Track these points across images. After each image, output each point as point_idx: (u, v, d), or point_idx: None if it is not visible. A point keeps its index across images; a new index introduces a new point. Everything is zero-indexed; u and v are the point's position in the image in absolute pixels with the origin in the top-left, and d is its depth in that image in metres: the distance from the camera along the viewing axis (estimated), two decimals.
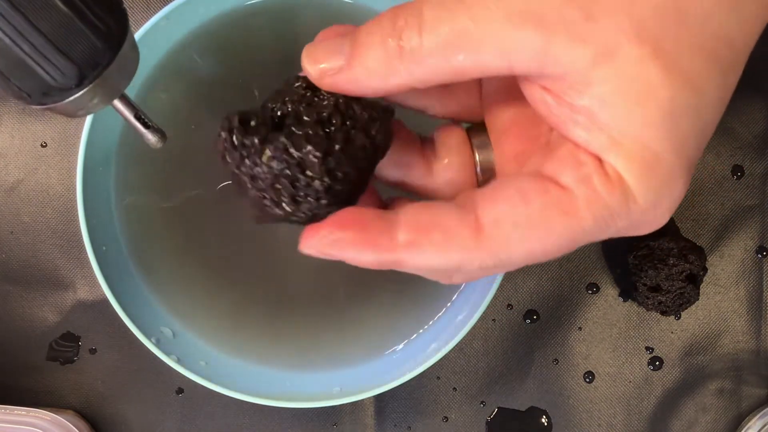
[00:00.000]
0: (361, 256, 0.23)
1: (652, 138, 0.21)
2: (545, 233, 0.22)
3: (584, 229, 0.22)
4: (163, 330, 0.43)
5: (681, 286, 0.44)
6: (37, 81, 0.24)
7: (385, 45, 0.22)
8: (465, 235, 0.23)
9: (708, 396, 0.47)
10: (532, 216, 0.22)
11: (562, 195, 0.22)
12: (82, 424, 0.46)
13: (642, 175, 0.22)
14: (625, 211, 0.22)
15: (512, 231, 0.22)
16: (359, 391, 0.41)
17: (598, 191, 0.22)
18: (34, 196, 0.47)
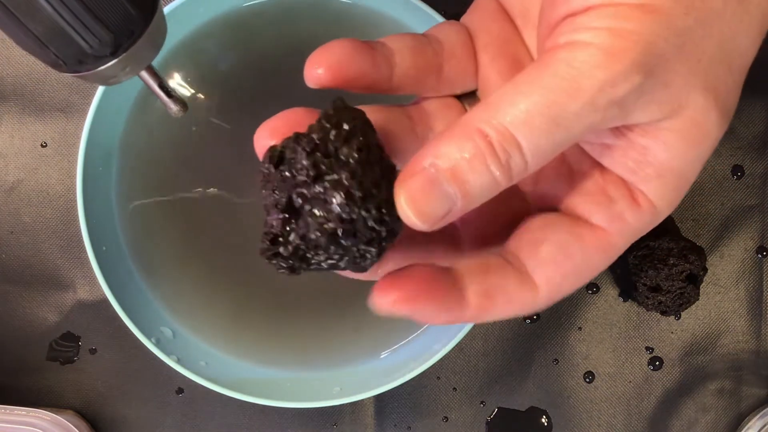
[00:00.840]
0: (434, 319, 0.24)
1: (692, 170, 0.24)
2: (589, 273, 0.25)
3: (618, 252, 0.25)
4: (163, 330, 0.43)
5: (681, 286, 0.44)
6: (74, 48, 0.25)
7: (496, 181, 0.23)
8: (525, 298, 0.25)
9: (708, 396, 0.47)
10: (576, 266, 0.25)
11: (598, 237, 0.25)
12: (82, 424, 0.46)
13: (672, 200, 0.24)
14: (648, 226, 0.25)
15: (562, 282, 0.25)
16: (359, 391, 0.41)
17: (630, 222, 0.24)
18: (34, 196, 0.47)
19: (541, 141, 0.22)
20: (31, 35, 0.24)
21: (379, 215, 0.23)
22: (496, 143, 0.22)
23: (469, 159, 0.22)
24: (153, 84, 0.29)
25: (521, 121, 0.22)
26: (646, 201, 0.24)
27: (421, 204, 0.23)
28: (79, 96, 0.47)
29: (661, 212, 0.25)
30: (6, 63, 0.47)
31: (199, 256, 0.43)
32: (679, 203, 0.25)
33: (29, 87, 0.47)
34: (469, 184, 0.23)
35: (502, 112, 0.22)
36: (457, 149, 0.22)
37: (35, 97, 0.47)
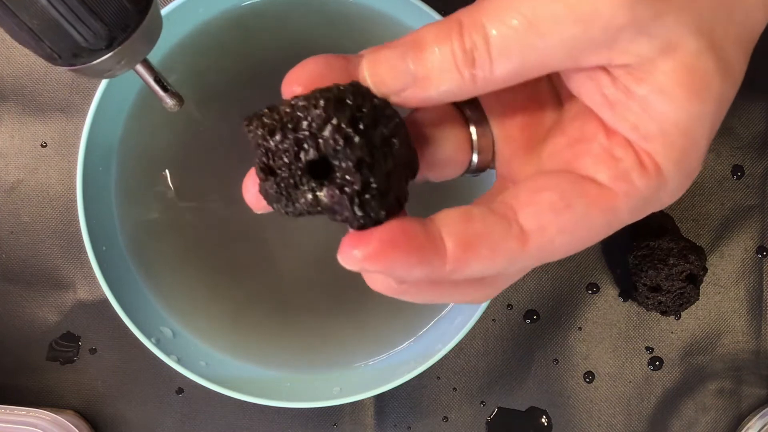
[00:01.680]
0: (410, 274, 0.22)
1: (697, 129, 0.22)
2: (587, 233, 0.23)
3: (620, 220, 0.23)
4: (163, 330, 0.43)
5: (681, 286, 0.44)
6: (69, 42, 0.25)
7: (460, 73, 0.22)
8: (512, 246, 0.23)
9: (708, 396, 0.47)
10: (575, 220, 0.23)
11: (602, 194, 0.23)
12: (82, 424, 0.46)
13: (679, 162, 0.23)
14: (656, 197, 0.23)
15: (557, 235, 0.23)
16: (359, 391, 0.41)
17: (637, 185, 0.23)
18: (34, 196, 0.47)
19: (512, 40, 0.21)
20: (26, 28, 0.24)
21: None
22: (466, 31, 0.22)
23: (438, 41, 0.22)
24: (148, 78, 0.29)
25: (495, 15, 0.21)
26: (652, 162, 0.23)
27: (379, 70, 0.23)
28: (79, 96, 0.47)
29: (668, 177, 0.23)
30: (6, 63, 0.47)
31: (199, 256, 0.43)
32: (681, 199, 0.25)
33: (29, 87, 0.47)
34: (429, 65, 0.22)
35: (484, 8, 0.22)
36: (431, 32, 0.22)
37: (35, 97, 0.47)
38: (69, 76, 0.46)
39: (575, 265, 0.47)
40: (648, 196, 0.23)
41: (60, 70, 0.46)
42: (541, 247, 0.23)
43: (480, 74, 0.22)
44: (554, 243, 0.23)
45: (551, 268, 0.47)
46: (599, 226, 0.23)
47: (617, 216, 0.23)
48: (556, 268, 0.47)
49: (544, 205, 0.23)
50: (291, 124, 0.23)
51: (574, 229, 0.23)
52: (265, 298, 0.44)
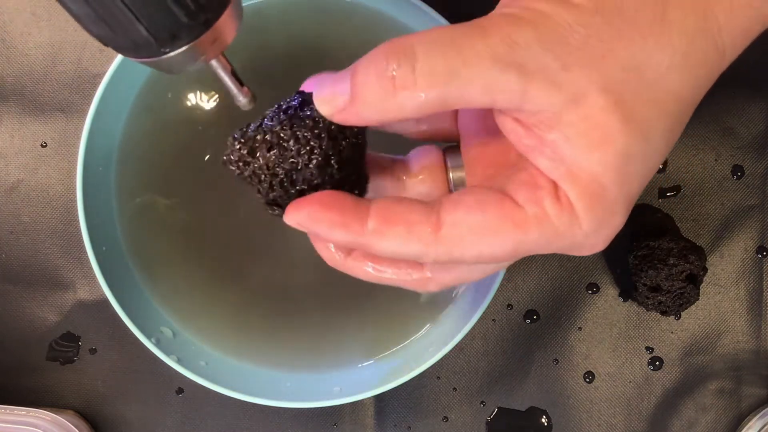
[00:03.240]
0: (332, 234, 0.26)
1: (603, 175, 0.25)
2: (494, 240, 0.25)
3: (529, 241, 0.25)
4: (163, 330, 0.43)
5: (681, 286, 0.44)
6: (168, 18, 0.22)
7: (382, 84, 0.25)
8: (425, 231, 0.26)
9: (708, 396, 0.47)
10: (486, 224, 0.25)
11: (516, 210, 0.25)
12: (82, 424, 0.46)
13: (589, 205, 0.25)
14: (569, 233, 0.25)
15: (467, 233, 0.25)
16: (359, 391, 0.41)
17: (548, 213, 0.25)
18: (34, 196, 0.47)
19: (438, 63, 0.24)
20: (122, 6, 0.21)
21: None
22: (397, 53, 0.24)
23: (369, 63, 0.25)
24: (223, 73, 0.26)
25: (426, 39, 0.24)
26: (567, 200, 0.25)
27: (324, 91, 0.26)
28: (79, 96, 0.47)
29: (580, 217, 0.25)
30: (6, 63, 0.47)
31: (199, 256, 0.43)
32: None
33: (29, 87, 0.47)
34: (361, 83, 0.25)
35: (416, 34, 0.24)
36: (366, 57, 0.25)
37: (35, 97, 0.47)
38: (69, 76, 0.46)
39: (575, 265, 0.47)
40: (559, 227, 0.25)
41: (60, 70, 0.47)
42: (451, 239, 0.26)
43: (400, 90, 0.24)
44: (464, 239, 0.26)
45: (551, 268, 0.47)
46: (508, 238, 0.25)
47: (527, 235, 0.25)
48: (556, 268, 0.47)
49: (462, 205, 0.26)
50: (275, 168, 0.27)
51: (483, 232, 0.25)
52: (265, 298, 0.44)
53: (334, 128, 0.27)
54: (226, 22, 0.24)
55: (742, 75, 0.47)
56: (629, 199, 0.26)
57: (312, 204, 0.26)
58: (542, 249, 0.26)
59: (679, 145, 0.47)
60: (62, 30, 0.46)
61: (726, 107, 0.47)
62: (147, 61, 0.24)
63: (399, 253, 0.26)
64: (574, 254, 0.27)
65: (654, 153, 0.25)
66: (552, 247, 0.26)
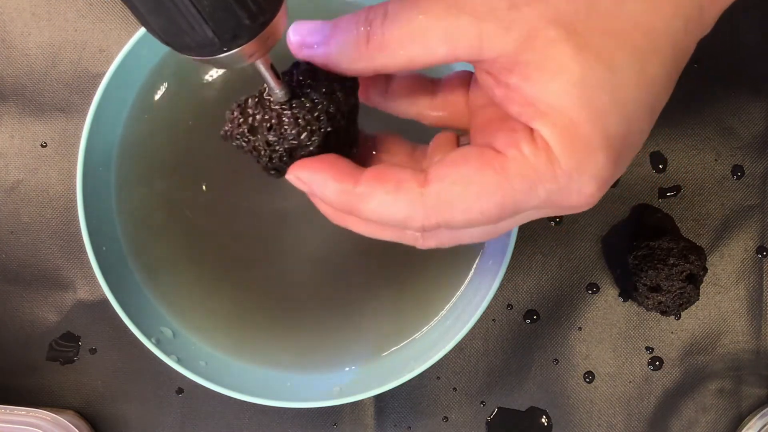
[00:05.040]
0: (326, 189, 0.28)
1: (568, 107, 0.24)
2: (479, 188, 0.26)
3: (514, 187, 0.26)
4: (163, 330, 0.43)
5: (681, 286, 0.44)
6: (233, 20, 0.23)
7: (357, 32, 0.27)
8: (412, 187, 0.27)
9: (708, 396, 0.47)
10: (468, 174, 0.26)
11: (495, 156, 0.26)
12: (82, 424, 0.46)
13: (564, 141, 0.25)
14: (550, 173, 0.25)
15: (451, 186, 0.26)
16: (359, 391, 0.41)
17: (525, 154, 0.25)
18: (34, 196, 0.47)
19: (402, 12, 0.26)
20: (194, 12, 0.22)
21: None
22: (372, 8, 0.26)
23: (347, 18, 0.27)
24: (264, 66, 0.27)
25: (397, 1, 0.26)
26: (542, 140, 0.25)
27: (302, 25, 0.28)
28: (79, 96, 0.47)
29: (557, 154, 0.25)
30: (6, 63, 0.47)
31: (199, 256, 0.43)
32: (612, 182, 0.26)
33: (29, 87, 0.47)
34: (337, 25, 0.27)
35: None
36: (350, 15, 0.27)
37: (35, 97, 0.47)
38: (69, 76, 0.46)
39: (575, 265, 0.47)
40: (538, 167, 0.25)
41: (60, 70, 0.47)
42: (438, 193, 0.26)
43: (372, 34, 0.26)
44: (450, 193, 0.26)
45: (551, 268, 0.47)
46: (492, 185, 0.26)
47: (509, 180, 0.26)
48: (556, 269, 0.47)
49: (448, 161, 0.27)
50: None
51: (466, 182, 0.26)
52: (265, 298, 0.44)
53: (332, 109, 0.28)
54: (279, 20, 0.25)
55: (742, 75, 0.47)
56: (606, 134, 0.25)
57: (312, 163, 0.28)
58: (530, 197, 0.26)
59: (679, 145, 0.47)
60: (62, 30, 0.46)
61: (726, 107, 0.47)
62: (205, 59, 0.25)
63: (388, 213, 0.27)
64: (568, 206, 0.26)
65: (624, 86, 0.25)
66: (539, 194, 0.26)
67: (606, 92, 0.24)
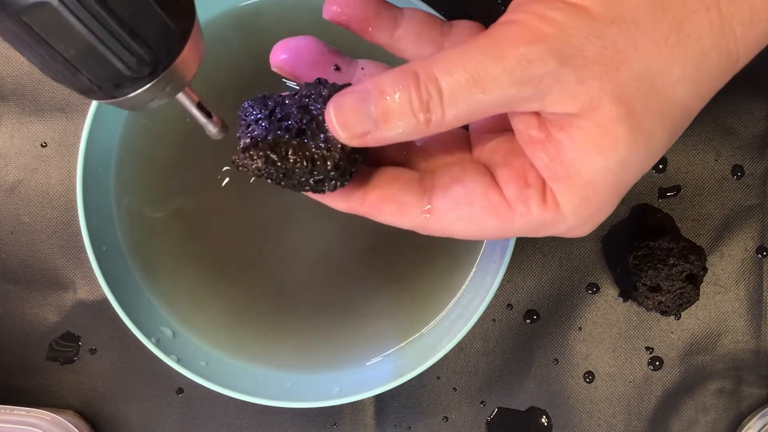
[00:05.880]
0: (336, 203, 0.30)
1: (600, 182, 0.26)
2: (480, 227, 0.28)
3: (513, 231, 0.28)
4: (163, 330, 0.43)
5: (681, 286, 0.44)
6: (110, 71, 0.22)
7: (416, 118, 0.26)
8: (415, 214, 0.29)
9: (708, 396, 0.47)
10: (472, 215, 0.28)
11: (501, 206, 0.27)
12: (82, 424, 0.46)
13: (577, 207, 0.26)
14: (553, 227, 0.27)
15: (454, 221, 0.28)
16: (359, 391, 0.41)
17: (533, 212, 0.27)
18: (34, 196, 0.47)
19: (460, 93, 0.25)
20: (61, 59, 0.22)
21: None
22: (422, 83, 0.25)
23: (397, 90, 0.26)
24: (190, 105, 0.26)
25: (446, 70, 0.25)
26: (553, 200, 0.27)
27: (345, 115, 0.27)
28: (79, 96, 0.46)
29: (566, 215, 0.27)
30: (6, 63, 0.47)
31: (199, 256, 0.43)
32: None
33: (29, 87, 0.47)
34: (390, 112, 0.26)
35: (437, 63, 0.25)
36: (391, 81, 0.26)
37: (35, 97, 0.47)
38: None
39: (575, 265, 0.47)
40: (543, 222, 0.27)
41: None
42: (440, 223, 0.28)
43: (433, 119, 0.26)
44: (453, 225, 0.28)
45: (551, 268, 0.47)
46: (492, 228, 0.28)
47: (510, 227, 0.28)
48: (556, 269, 0.47)
49: (452, 195, 0.28)
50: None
51: (469, 221, 0.28)
52: (265, 298, 0.44)
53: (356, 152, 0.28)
54: (179, 66, 0.24)
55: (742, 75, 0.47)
56: (619, 197, 0.27)
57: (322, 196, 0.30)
58: (526, 235, 0.28)
59: (679, 145, 0.47)
60: None
61: (726, 107, 0.47)
62: (102, 102, 0.24)
63: (395, 224, 0.29)
64: (550, 235, 0.28)
65: (652, 160, 0.26)
66: (530, 234, 0.28)
67: (637, 168, 0.26)
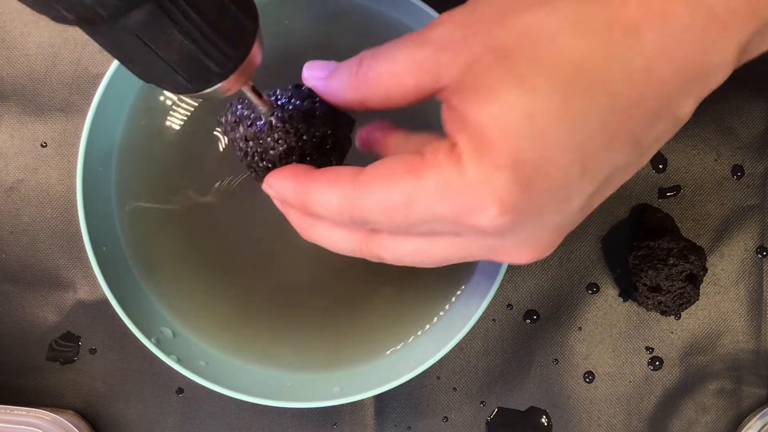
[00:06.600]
0: (284, 188, 0.31)
1: (485, 123, 0.25)
2: (393, 184, 0.28)
3: (425, 188, 0.27)
4: (163, 330, 0.43)
5: (681, 286, 0.44)
6: (203, 70, 0.26)
7: (350, 68, 0.29)
8: (346, 179, 0.29)
9: (708, 396, 0.47)
10: (391, 169, 0.28)
11: (415, 158, 0.28)
12: (82, 424, 0.46)
13: (474, 153, 0.26)
14: (457, 183, 0.26)
15: (374, 179, 0.28)
16: (359, 391, 0.41)
17: (440, 159, 0.26)
18: (34, 196, 0.47)
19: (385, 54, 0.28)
20: (163, 65, 0.25)
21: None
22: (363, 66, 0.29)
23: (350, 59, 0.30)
24: (246, 89, 0.29)
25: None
26: (457, 150, 0.26)
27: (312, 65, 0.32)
28: (79, 96, 0.47)
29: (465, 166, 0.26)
30: (6, 63, 0.47)
31: (199, 256, 0.43)
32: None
33: (29, 87, 0.47)
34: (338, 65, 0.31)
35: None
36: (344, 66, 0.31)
37: (35, 97, 0.47)
38: (69, 76, 0.46)
39: (575, 265, 0.47)
40: (447, 175, 0.26)
41: (60, 70, 0.47)
42: (363, 184, 0.29)
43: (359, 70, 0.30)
44: (370, 184, 0.28)
45: (551, 268, 0.47)
46: (403, 183, 0.27)
47: (420, 179, 0.27)
48: (556, 269, 0.47)
49: (381, 161, 0.29)
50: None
51: (386, 177, 0.28)
52: (265, 297, 0.44)
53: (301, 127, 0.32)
54: (250, 60, 0.27)
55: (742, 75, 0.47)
56: (515, 157, 0.25)
57: (278, 170, 0.32)
58: (436, 203, 0.27)
59: (679, 145, 0.47)
60: (62, 30, 0.46)
61: (726, 107, 0.47)
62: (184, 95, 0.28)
63: (325, 202, 0.29)
64: (478, 228, 0.27)
65: (543, 112, 0.25)
66: (445, 204, 0.27)
67: (523, 116, 0.25)
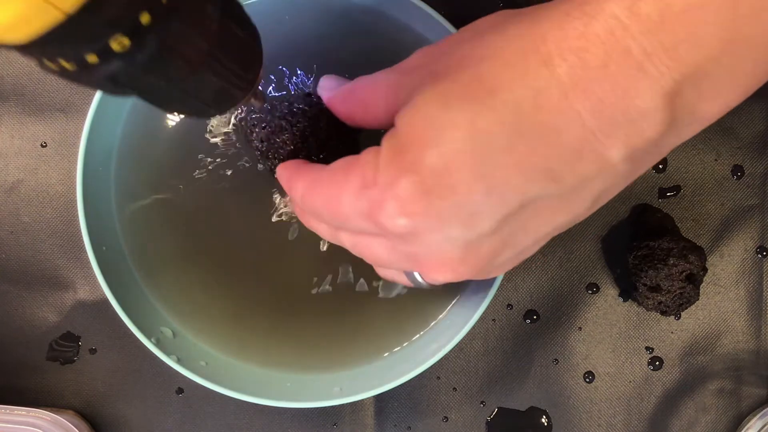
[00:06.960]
0: (281, 174, 0.35)
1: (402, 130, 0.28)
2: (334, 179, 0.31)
3: (349, 182, 0.30)
4: (163, 330, 0.43)
5: (681, 286, 0.44)
6: (231, 100, 0.29)
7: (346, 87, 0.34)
8: (310, 174, 0.33)
9: (708, 396, 0.47)
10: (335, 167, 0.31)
11: (352, 159, 0.30)
12: (82, 424, 0.46)
13: (388, 155, 0.28)
14: (371, 181, 0.29)
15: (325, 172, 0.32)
16: (359, 391, 0.41)
17: (367, 160, 0.29)
18: (34, 196, 0.47)
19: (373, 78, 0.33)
20: (199, 104, 0.27)
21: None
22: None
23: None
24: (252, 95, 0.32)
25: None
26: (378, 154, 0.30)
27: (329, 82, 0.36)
28: (79, 96, 0.47)
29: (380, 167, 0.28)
30: (6, 63, 0.47)
31: (199, 256, 0.43)
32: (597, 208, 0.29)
33: (29, 87, 0.47)
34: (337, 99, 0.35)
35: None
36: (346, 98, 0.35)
37: (35, 97, 0.47)
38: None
39: (575, 265, 0.47)
40: (366, 173, 0.29)
41: None
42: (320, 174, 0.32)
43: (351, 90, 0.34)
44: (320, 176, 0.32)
45: (551, 268, 0.47)
46: (334, 181, 0.31)
47: (346, 177, 0.30)
48: (556, 269, 0.47)
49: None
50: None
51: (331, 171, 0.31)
52: (265, 298, 0.44)
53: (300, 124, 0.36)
54: (260, 74, 0.30)
55: None
56: (419, 162, 0.27)
57: (283, 163, 0.36)
58: (355, 200, 0.29)
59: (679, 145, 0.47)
60: None
61: None
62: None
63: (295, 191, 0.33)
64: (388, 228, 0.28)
65: (451, 127, 0.26)
66: (363, 200, 0.29)
67: (434, 126, 0.27)
